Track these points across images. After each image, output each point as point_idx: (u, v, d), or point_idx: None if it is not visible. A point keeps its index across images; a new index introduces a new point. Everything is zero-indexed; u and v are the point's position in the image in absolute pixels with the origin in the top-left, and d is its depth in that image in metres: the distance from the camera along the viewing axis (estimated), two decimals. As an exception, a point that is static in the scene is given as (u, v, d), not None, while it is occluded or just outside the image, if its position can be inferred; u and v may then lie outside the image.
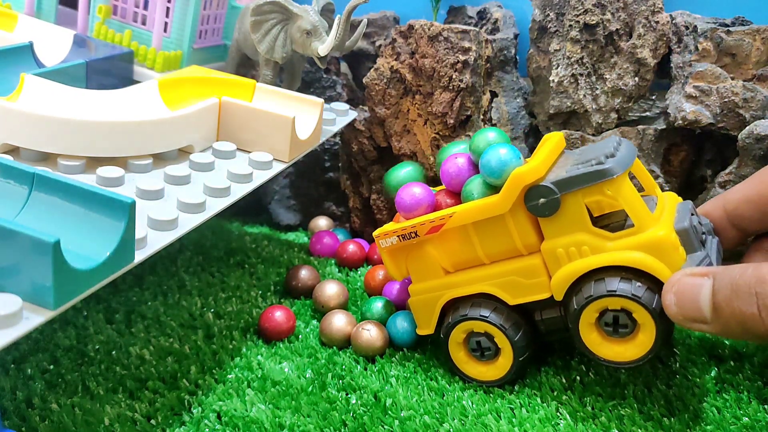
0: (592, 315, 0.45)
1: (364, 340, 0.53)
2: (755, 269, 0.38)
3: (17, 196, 0.39)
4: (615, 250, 0.44)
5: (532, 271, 0.47)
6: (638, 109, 0.63)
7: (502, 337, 0.48)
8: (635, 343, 0.44)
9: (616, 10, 0.61)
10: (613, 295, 0.43)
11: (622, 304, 0.44)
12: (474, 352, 0.50)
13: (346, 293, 0.59)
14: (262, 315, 0.55)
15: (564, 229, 0.45)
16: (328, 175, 0.75)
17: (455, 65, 0.62)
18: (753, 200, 0.48)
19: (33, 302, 0.35)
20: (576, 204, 0.45)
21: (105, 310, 0.56)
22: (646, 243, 0.43)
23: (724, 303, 0.39)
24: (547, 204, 0.45)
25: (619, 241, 0.44)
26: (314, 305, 0.58)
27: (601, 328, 0.45)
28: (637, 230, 0.44)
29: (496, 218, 0.47)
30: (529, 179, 0.45)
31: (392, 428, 0.45)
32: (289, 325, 0.55)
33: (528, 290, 0.47)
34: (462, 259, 0.49)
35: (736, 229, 0.50)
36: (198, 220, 0.45)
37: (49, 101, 0.50)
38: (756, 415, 0.47)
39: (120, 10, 0.64)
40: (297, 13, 0.60)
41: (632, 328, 0.44)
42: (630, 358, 0.45)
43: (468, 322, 0.49)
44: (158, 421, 0.45)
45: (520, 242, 0.47)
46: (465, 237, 0.49)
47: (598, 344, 0.45)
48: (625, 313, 0.44)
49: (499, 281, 0.48)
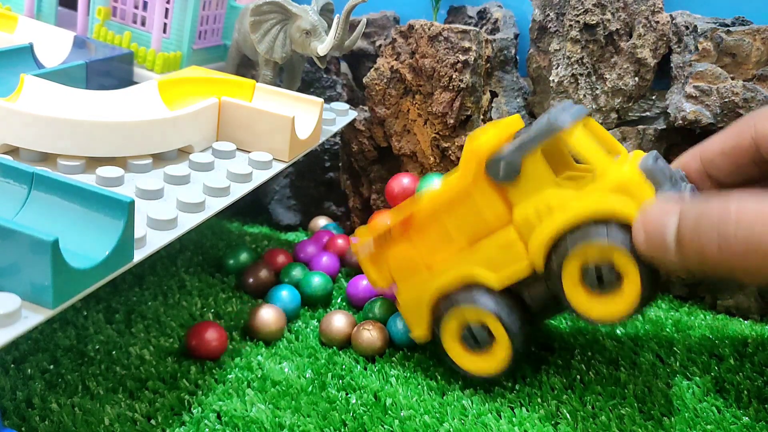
0: (575, 272, 0.43)
1: (365, 340, 0.53)
2: (720, 202, 0.37)
3: (16, 195, 0.39)
4: (582, 199, 0.43)
5: (507, 242, 0.46)
6: (638, 109, 0.63)
7: (496, 323, 0.47)
8: (623, 295, 0.43)
9: (616, 10, 0.61)
10: (588, 244, 0.42)
11: (600, 253, 0.42)
12: (467, 342, 0.48)
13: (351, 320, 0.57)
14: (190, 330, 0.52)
15: (530, 190, 0.45)
16: (328, 175, 0.75)
17: (455, 65, 0.62)
18: (729, 152, 0.47)
19: (32, 301, 0.35)
20: (536, 163, 0.44)
21: (105, 310, 0.56)
22: (611, 183, 0.42)
23: (688, 236, 0.38)
24: (508, 168, 0.44)
25: (584, 189, 0.43)
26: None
27: (586, 285, 0.44)
28: (600, 176, 0.43)
29: (464, 197, 0.47)
30: (483, 145, 0.45)
31: (392, 428, 0.45)
32: (220, 341, 0.52)
33: (507, 262, 0.46)
34: (440, 248, 0.49)
35: (711, 181, 0.49)
36: (197, 219, 0.45)
37: (49, 102, 0.50)
38: (756, 415, 0.47)
39: (119, 12, 0.64)
40: (296, 13, 0.60)
41: (617, 279, 0.42)
42: (621, 312, 0.43)
43: (458, 310, 0.48)
44: (158, 421, 0.45)
45: (491, 215, 0.46)
46: (439, 226, 0.48)
47: (585, 302, 0.44)
48: (607, 265, 0.42)
49: (479, 259, 0.47)
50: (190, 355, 0.52)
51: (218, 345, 0.52)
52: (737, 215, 0.37)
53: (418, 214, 0.48)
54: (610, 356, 0.52)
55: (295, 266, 0.62)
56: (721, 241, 0.37)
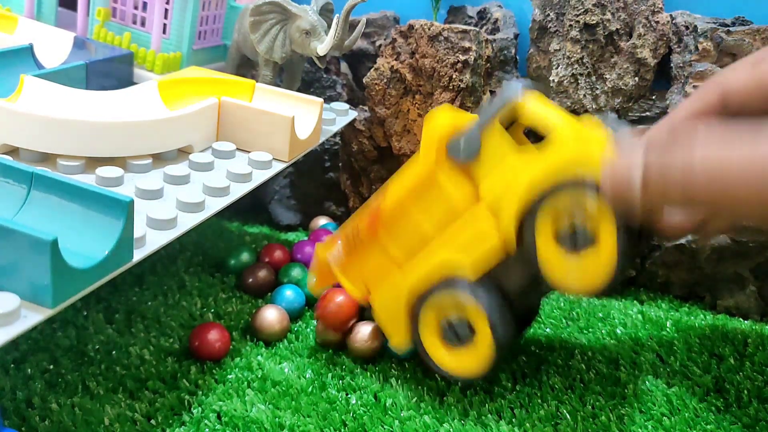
0: (548, 236, 0.42)
1: (358, 341, 0.52)
2: (683, 155, 0.36)
3: (16, 195, 0.39)
4: (544, 160, 0.42)
5: (478, 219, 0.44)
6: (638, 109, 0.63)
7: (475, 311, 0.45)
8: (600, 252, 0.41)
9: (616, 10, 0.61)
10: (557, 191, 0.41)
11: (572, 204, 0.41)
12: (447, 337, 0.47)
13: None
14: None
15: (493, 163, 0.44)
16: (328, 175, 0.75)
17: (455, 65, 0.62)
18: (699, 116, 0.44)
19: (31, 301, 0.35)
20: (495, 135, 0.44)
21: (105, 310, 0.56)
22: (567, 137, 0.41)
23: (652, 192, 0.37)
24: (468, 143, 0.44)
25: (546, 151, 0.42)
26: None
27: (562, 247, 0.42)
28: (557, 134, 0.42)
29: (428, 183, 0.46)
30: (443, 126, 0.44)
31: (392, 428, 0.45)
32: (223, 342, 0.52)
33: (480, 241, 0.44)
34: (410, 242, 0.47)
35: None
36: (197, 219, 0.45)
37: (49, 102, 0.50)
38: (756, 415, 0.47)
39: (119, 13, 0.64)
40: (296, 13, 0.60)
41: (593, 236, 0.41)
42: (602, 272, 0.41)
43: (435, 300, 0.46)
44: (158, 421, 0.45)
45: (459, 197, 0.45)
46: (406, 215, 0.47)
47: (564, 266, 0.42)
48: (581, 223, 0.41)
49: (450, 244, 0.46)
50: (193, 355, 0.52)
51: (221, 346, 0.52)
52: (702, 167, 0.35)
53: (385, 209, 0.47)
54: (610, 356, 0.52)
55: (294, 266, 0.62)
56: (686, 195, 0.36)
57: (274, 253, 0.64)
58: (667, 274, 0.62)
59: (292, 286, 0.59)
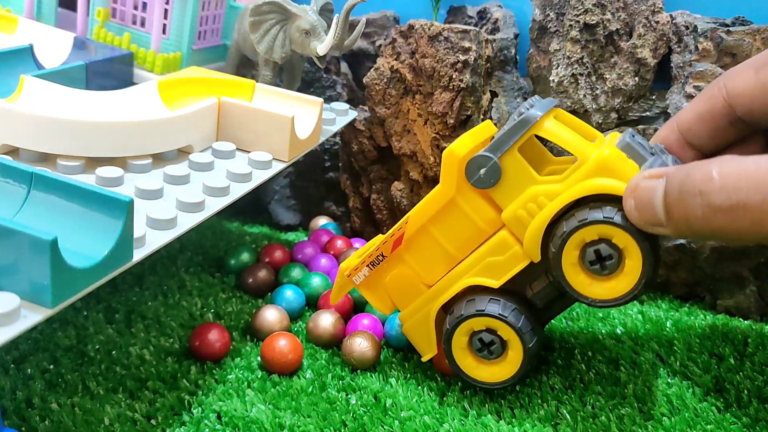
0: (573, 254, 0.43)
1: (356, 350, 0.51)
2: (701, 167, 0.38)
3: (16, 195, 0.39)
4: (568, 188, 0.43)
5: (503, 245, 0.46)
6: (638, 109, 0.63)
7: (506, 328, 0.46)
8: (625, 273, 0.43)
9: (616, 10, 0.61)
10: (584, 225, 0.42)
11: (599, 233, 0.42)
12: (480, 352, 0.47)
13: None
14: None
15: (514, 190, 0.45)
16: (328, 175, 0.75)
17: (455, 65, 0.62)
18: (704, 117, 0.47)
19: (31, 300, 0.35)
20: (515, 161, 0.44)
21: (105, 310, 0.56)
22: (594, 166, 0.43)
23: (674, 205, 0.38)
24: (489, 172, 0.45)
25: (569, 179, 0.43)
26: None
27: (587, 268, 0.43)
28: (581, 162, 0.43)
29: (451, 209, 0.47)
30: (460, 153, 0.45)
31: (392, 429, 0.45)
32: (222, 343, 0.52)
33: (507, 265, 0.46)
34: (436, 264, 0.48)
35: (692, 149, 0.48)
36: (197, 219, 0.45)
37: (49, 102, 0.50)
38: (756, 415, 0.47)
39: (119, 13, 0.64)
40: (296, 12, 0.60)
41: (618, 258, 0.43)
42: (624, 290, 0.43)
43: (466, 322, 0.47)
44: (158, 421, 0.45)
45: (481, 222, 0.46)
46: (431, 240, 0.48)
47: (588, 285, 0.44)
48: (606, 244, 0.42)
49: (478, 269, 0.47)
50: (193, 355, 0.52)
51: (221, 346, 0.52)
52: (719, 177, 0.37)
53: (409, 228, 0.48)
54: (610, 356, 0.52)
55: (294, 266, 0.62)
56: (704, 204, 0.37)
57: (274, 253, 0.64)
58: (667, 274, 0.62)
59: (292, 286, 0.59)
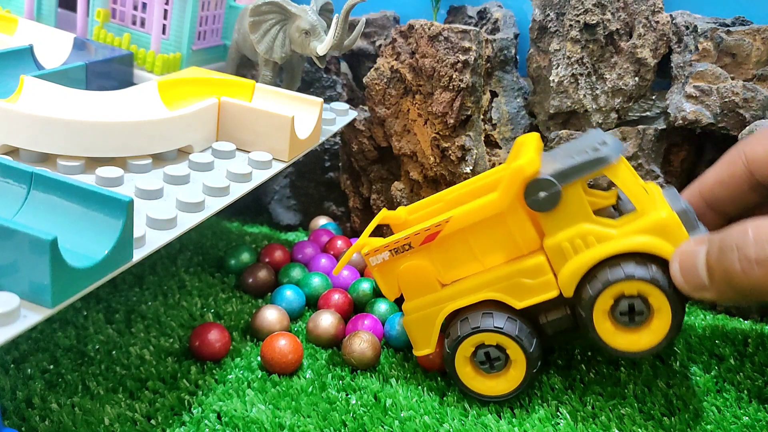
0: (607, 302, 0.44)
1: (356, 350, 0.51)
2: (738, 226, 0.39)
3: (16, 195, 0.39)
4: (621, 237, 0.44)
5: (536, 270, 0.46)
6: (638, 109, 0.63)
7: (516, 349, 0.46)
8: (650, 330, 0.44)
9: (616, 10, 0.61)
10: (631, 280, 0.43)
11: (638, 289, 0.43)
12: (482, 365, 0.47)
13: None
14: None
15: (566, 221, 0.45)
16: (328, 175, 0.75)
17: (455, 65, 0.62)
18: (726, 182, 0.48)
19: (31, 300, 0.35)
20: (576, 195, 0.44)
21: (105, 310, 0.56)
22: (652, 226, 0.43)
23: (714, 264, 0.39)
24: (549, 197, 0.44)
25: (623, 227, 0.44)
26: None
27: (615, 317, 0.44)
28: (639, 214, 0.44)
29: (494, 218, 0.46)
30: (529, 171, 0.44)
31: (392, 429, 0.45)
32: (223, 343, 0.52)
33: (534, 291, 0.46)
34: (459, 267, 0.48)
35: (715, 213, 0.50)
36: (197, 219, 0.45)
37: (49, 103, 0.50)
38: (756, 415, 0.47)
39: (118, 14, 0.64)
40: (295, 13, 0.60)
41: (647, 315, 0.44)
42: (645, 346, 0.44)
43: (479, 335, 0.46)
44: (158, 421, 0.45)
45: (521, 241, 0.46)
46: (462, 242, 0.47)
47: (611, 334, 0.44)
48: (641, 299, 0.43)
49: (503, 285, 0.46)
50: (193, 355, 0.52)
51: (221, 346, 0.52)
52: (755, 235, 0.38)
53: (448, 228, 0.47)
54: (610, 356, 0.52)
55: (294, 266, 0.62)
56: (742, 261, 0.38)
57: (274, 253, 0.64)
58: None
59: (292, 286, 0.59)
